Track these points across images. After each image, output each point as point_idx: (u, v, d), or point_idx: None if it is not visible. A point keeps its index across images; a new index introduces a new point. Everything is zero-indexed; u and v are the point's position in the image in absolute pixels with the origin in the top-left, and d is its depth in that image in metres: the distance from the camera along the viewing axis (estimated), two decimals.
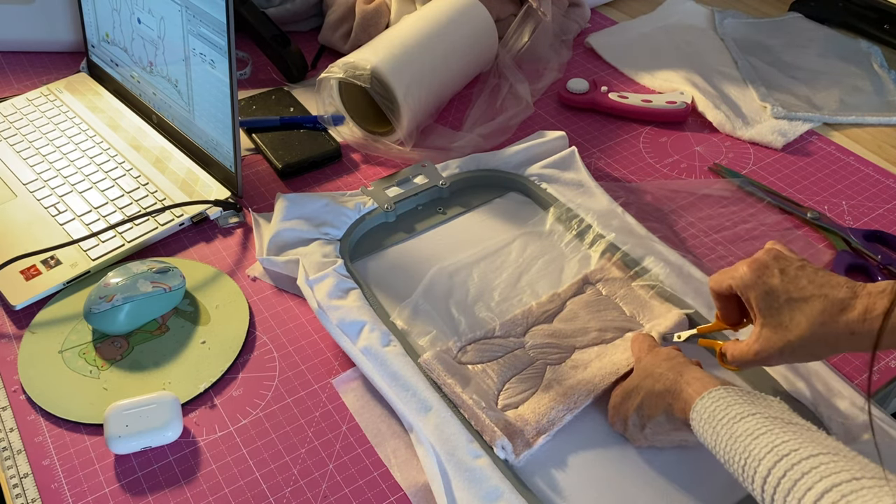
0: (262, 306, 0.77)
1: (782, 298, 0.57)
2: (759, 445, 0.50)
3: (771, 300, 0.57)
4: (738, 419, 0.52)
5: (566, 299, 0.75)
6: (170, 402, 0.66)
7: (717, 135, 0.98)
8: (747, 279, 0.58)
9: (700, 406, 0.55)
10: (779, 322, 0.57)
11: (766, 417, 0.52)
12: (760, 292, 0.58)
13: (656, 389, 0.60)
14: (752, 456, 0.50)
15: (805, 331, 0.55)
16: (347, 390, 0.69)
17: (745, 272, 0.59)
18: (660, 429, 0.60)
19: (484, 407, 0.65)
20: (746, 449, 0.50)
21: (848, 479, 0.45)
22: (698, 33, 1.16)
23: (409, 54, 0.92)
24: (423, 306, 0.75)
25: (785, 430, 0.50)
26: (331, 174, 0.93)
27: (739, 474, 0.51)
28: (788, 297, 0.56)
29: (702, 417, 0.55)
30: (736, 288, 0.60)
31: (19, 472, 0.64)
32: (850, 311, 0.54)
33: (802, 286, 0.57)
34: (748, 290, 0.58)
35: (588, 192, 0.86)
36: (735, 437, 0.52)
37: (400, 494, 0.62)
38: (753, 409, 0.53)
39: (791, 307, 0.56)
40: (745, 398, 0.54)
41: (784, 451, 0.49)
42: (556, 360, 0.70)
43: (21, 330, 0.75)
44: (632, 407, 0.62)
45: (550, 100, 1.04)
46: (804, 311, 0.56)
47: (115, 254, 0.81)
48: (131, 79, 0.99)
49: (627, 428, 0.63)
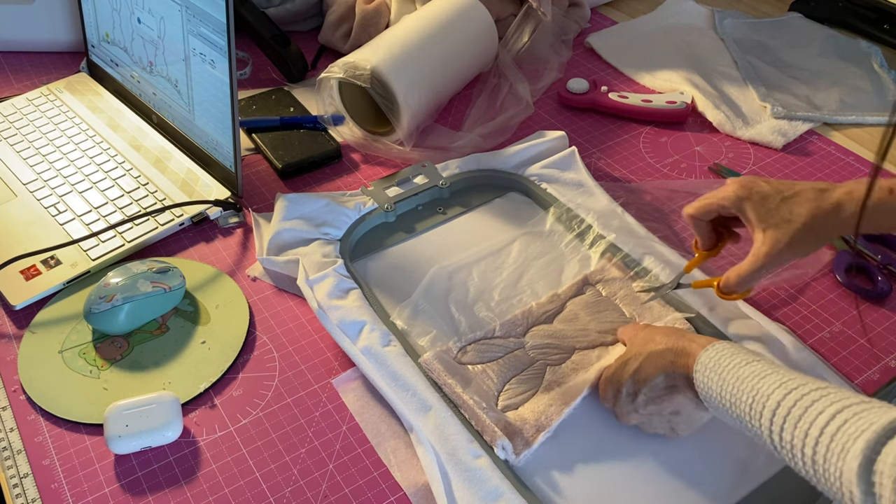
0: (262, 306, 0.77)
1: (777, 199, 0.64)
2: (767, 383, 0.51)
3: (768, 203, 0.64)
4: (744, 364, 0.54)
5: (566, 300, 0.75)
6: (170, 402, 0.66)
7: (717, 135, 0.98)
8: (741, 193, 0.65)
9: (705, 357, 0.56)
10: (780, 218, 0.63)
11: (770, 363, 0.54)
12: (756, 200, 0.64)
13: (657, 350, 0.60)
14: (759, 393, 0.51)
15: (807, 217, 0.62)
16: (347, 390, 0.69)
17: (736, 189, 0.65)
18: (653, 392, 0.60)
19: (484, 407, 0.65)
20: (754, 388, 0.51)
21: (857, 401, 0.47)
22: (698, 33, 1.16)
23: (409, 54, 0.92)
24: (423, 306, 0.75)
25: (791, 372, 0.52)
26: (331, 174, 0.93)
27: (745, 413, 0.51)
28: (782, 196, 0.64)
29: (706, 367, 0.55)
30: (731, 205, 0.65)
31: (19, 472, 0.64)
32: (834, 193, 0.62)
33: (789, 185, 0.65)
34: (743, 202, 0.65)
35: (588, 192, 0.86)
36: (742, 379, 0.53)
37: (400, 494, 0.62)
38: (759, 357, 0.55)
39: (787, 203, 0.63)
40: (749, 351, 0.56)
41: (793, 386, 0.50)
42: (557, 361, 0.70)
43: (21, 330, 0.75)
44: (627, 373, 0.62)
45: (550, 100, 1.04)
46: (800, 203, 0.63)
47: (115, 254, 0.81)
48: (131, 79, 0.99)
49: (619, 398, 0.63)
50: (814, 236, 0.63)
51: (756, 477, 0.62)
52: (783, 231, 0.62)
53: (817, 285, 0.78)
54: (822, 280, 0.79)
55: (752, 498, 0.61)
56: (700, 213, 0.68)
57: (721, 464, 0.63)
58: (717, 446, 0.64)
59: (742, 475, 0.62)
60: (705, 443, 0.64)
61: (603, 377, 0.65)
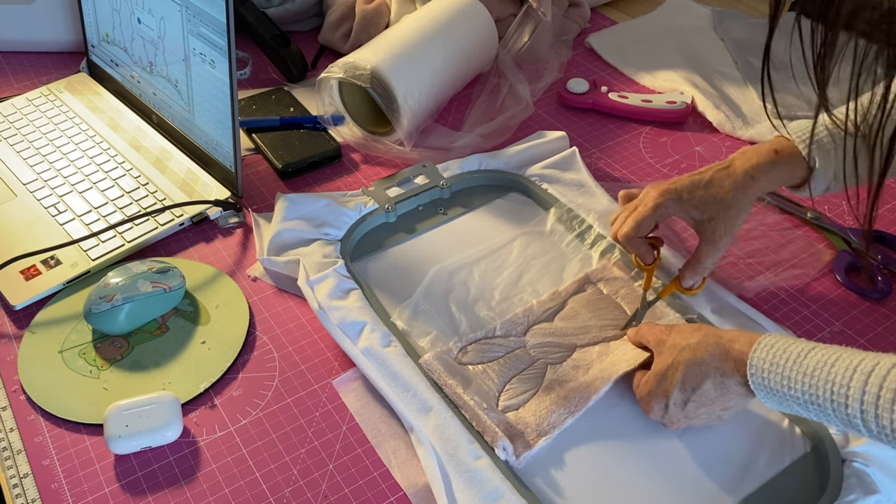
0: (262, 306, 0.77)
1: (700, 188, 0.69)
2: (839, 371, 0.50)
3: (694, 198, 0.68)
4: (803, 355, 0.53)
5: (567, 297, 0.75)
6: (170, 402, 0.66)
7: (717, 135, 0.98)
8: (670, 196, 0.69)
9: (756, 357, 0.55)
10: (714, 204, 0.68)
11: (826, 347, 0.53)
12: (685, 197, 0.69)
13: (699, 358, 0.59)
14: (836, 383, 0.50)
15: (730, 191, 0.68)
16: (348, 391, 0.69)
17: (662, 194, 0.69)
18: (704, 398, 0.59)
19: (485, 408, 0.65)
20: (828, 379, 0.51)
21: None
22: (698, 33, 1.16)
23: (409, 54, 0.92)
24: (424, 306, 0.75)
25: (852, 352, 0.51)
26: (331, 174, 0.93)
27: (828, 406, 0.51)
28: (701, 183, 0.69)
29: (762, 367, 0.55)
30: (666, 209, 0.69)
31: (19, 472, 0.64)
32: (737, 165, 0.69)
33: (700, 173, 0.70)
34: (678, 203, 0.69)
35: (589, 192, 0.86)
36: (808, 373, 0.52)
37: (400, 494, 0.62)
38: (811, 344, 0.54)
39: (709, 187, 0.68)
40: (795, 339, 0.55)
41: (867, 369, 0.49)
42: (557, 360, 0.70)
43: (21, 330, 0.75)
44: (672, 384, 0.60)
45: (550, 100, 1.04)
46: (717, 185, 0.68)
47: (115, 254, 0.81)
48: (131, 79, 0.99)
49: (668, 409, 0.61)
50: (741, 209, 0.69)
51: (758, 477, 0.62)
52: (719, 218, 0.68)
53: (817, 285, 0.78)
54: (822, 280, 0.79)
55: (754, 498, 0.61)
56: (638, 231, 0.70)
57: (722, 465, 0.63)
58: (719, 447, 0.64)
59: (744, 476, 0.62)
60: (707, 444, 0.64)
61: (643, 392, 0.64)
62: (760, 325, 0.71)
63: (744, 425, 0.65)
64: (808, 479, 0.62)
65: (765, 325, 0.71)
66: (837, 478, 0.60)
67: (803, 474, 0.62)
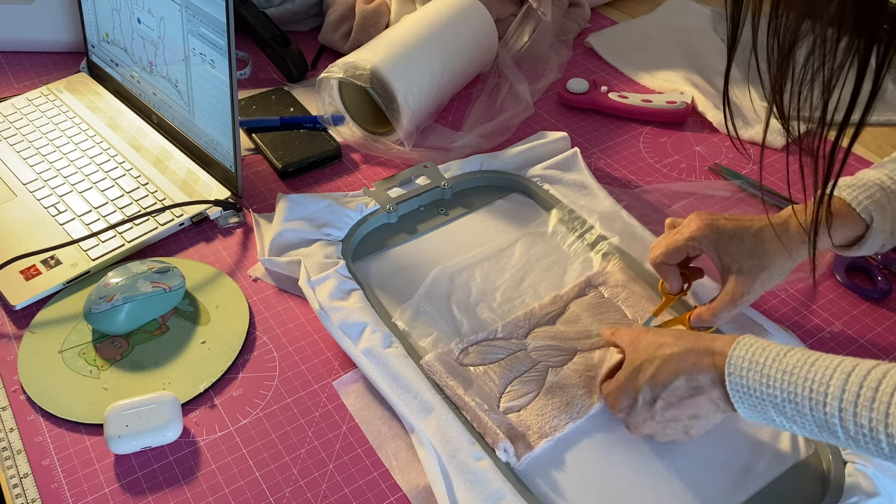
0: (262, 306, 0.77)
1: (745, 237, 0.64)
2: (819, 370, 0.50)
3: (737, 242, 0.65)
4: (783, 354, 0.53)
5: (568, 301, 0.75)
6: (170, 402, 0.66)
7: (717, 135, 0.98)
8: (708, 232, 0.65)
9: (736, 355, 0.55)
10: (751, 257, 0.64)
11: (805, 349, 0.53)
12: (725, 239, 0.65)
13: (675, 352, 0.58)
14: (816, 381, 0.50)
15: (774, 253, 0.64)
16: (348, 392, 0.69)
17: (701, 227, 0.66)
18: (673, 397, 0.58)
19: (486, 409, 0.65)
20: (807, 377, 0.51)
21: None
22: (698, 33, 1.16)
23: (409, 54, 0.92)
24: (425, 307, 0.75)
25: (831, 355, 0.51)
26: (331, 174, 0.93)
27: (806, 405, 0.50)
28: (749, 233, 0.65)
29: (741, 366, 0.54)
30: (699, 245, 0.65)
31: (19, 472, 0.64)
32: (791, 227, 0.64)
33: (751, 221, 0.66)
34: (713, 241, 0.65)
35: (590, 193, 0.86)
36: (788, 371, 0.52)
37: (400, 494, 0.62)
38: (790, 346, 0.54)
39: (755, 240, 0.64)
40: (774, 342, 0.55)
41: (847, 368, 0.49)
42: (558, 363, 0.70)
43: (21, 330, 0.75)
44: (643, 379, 0.59)
45: (550, 100, 1.04)
46: (765, 239, 0.64)
47: (115, 254, 0.80)
48: (131, 79, 0.99)
49: (635, 406, 0.60)
50: (779, 272, 0.65)
51: (759, 480, 0.62)
52: (750, 276, 0.64)
53: (817, 285, 0.78)
54: (822, 280, 0.79)
55: (755, 501, 0.61)
56: (668, 258, 0.68)
57: (723, 467, 0.63)
58: (719, 449, 0.64)
59: (745, 479, 0.62)
60: (707, 446, 0.64)
61: (613, 387, 0.63)
62: (760, 326, 0.71)
63: (744, 428, 0.65)
64: (810, 482, 0.62)
65: (765, 325, 0.71)
66: (839, 480, 0.60)
67: (805, 477, 0.62)
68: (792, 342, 0.70)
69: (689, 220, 0.67)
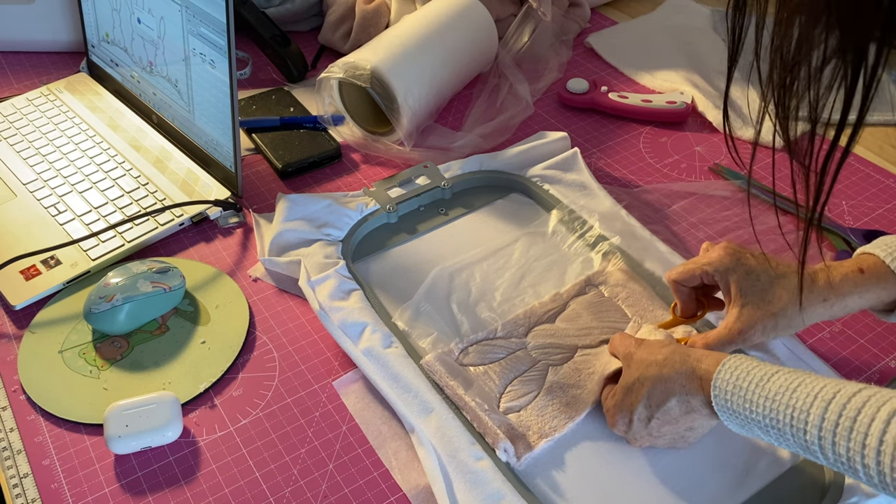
0: (262, 306, 0.77)
1: (763, 276, 0.62)
2: (800, 397, 0.50)
3: (753, 279, 0.62)
4: (766, 379, 0.52)
5: (569, 299, 0.75)
6: (170, 402, 0.66)
7: (717, 135, 0.98)
8: (727, 262, 0.63)
9: (720, 378, 0.55)
10: (761, 298, 0.61)
11: (790, 372, 0.52)
12: (741, 273, 0.62)
13: (664, 374, 0.58)
14: (796, 409, 0.50)
15: (787, 303, 0.61)
16: (348, 392, 0.69)
17: (722, 256, 0.63)
18: (668, 416, 0.59)
19: (486, 409, 0.65)
20: (788, 404, 0.50)
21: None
22: (698, 33, 1.16)
23: (409, 54, 0.92)
24: (425, 307, 0.75)
25: (815, 379, 0.51)
26: (331, 174, 0.93)
27: (788, 430, 0.50)
28: (768, 275, 0.62)
29: (725, 389, 0.54)
30: (715, 272, 0.63)
31: (19, 472, 0.64)
32: (818, 281, 0.61)
33: (776, 265, 0.63)
34: (728, 273, 0.63)
35: (590, 193, 0.86)
36: (770, 397, 0.51)
37: (400, 494, 0.62)
38: (775, 368, 0.53)
39: (772, 283, 0.62)
40: (761, 362, 0.55)
41: (828, 396, 0.49)
42: (559, 361, 0.70)
43: (21, 330, 0.75)
44: (637, 399, 0.60)
45: (550, 100, 1.04)
46: (784, 286, 0.61)
47: (115, 254, 0.80)
48: (131, 79, 0.99)
49: (632, 424, 0.61)
50: (786, 325, 0.62)
51: (759, 480, 0.62)
52: (761, 312, 0.61)
53: None
54: None
55: (755, 501, 0.61)
56: (683, 279, 0.66)
57: (723, 467, 0.63)
58: (719, 450, 0.64)
59: (744, 479, 0.62)
60: (707, 447, 0.64)
61: (609, 405, 0.63)
62: None
63: None
64: (810, 482, 0.62)
65: None
66: (839, 481, 0.60)
67: (805, 477, 0.62)
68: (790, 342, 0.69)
69: (716, 247, 0.65)
